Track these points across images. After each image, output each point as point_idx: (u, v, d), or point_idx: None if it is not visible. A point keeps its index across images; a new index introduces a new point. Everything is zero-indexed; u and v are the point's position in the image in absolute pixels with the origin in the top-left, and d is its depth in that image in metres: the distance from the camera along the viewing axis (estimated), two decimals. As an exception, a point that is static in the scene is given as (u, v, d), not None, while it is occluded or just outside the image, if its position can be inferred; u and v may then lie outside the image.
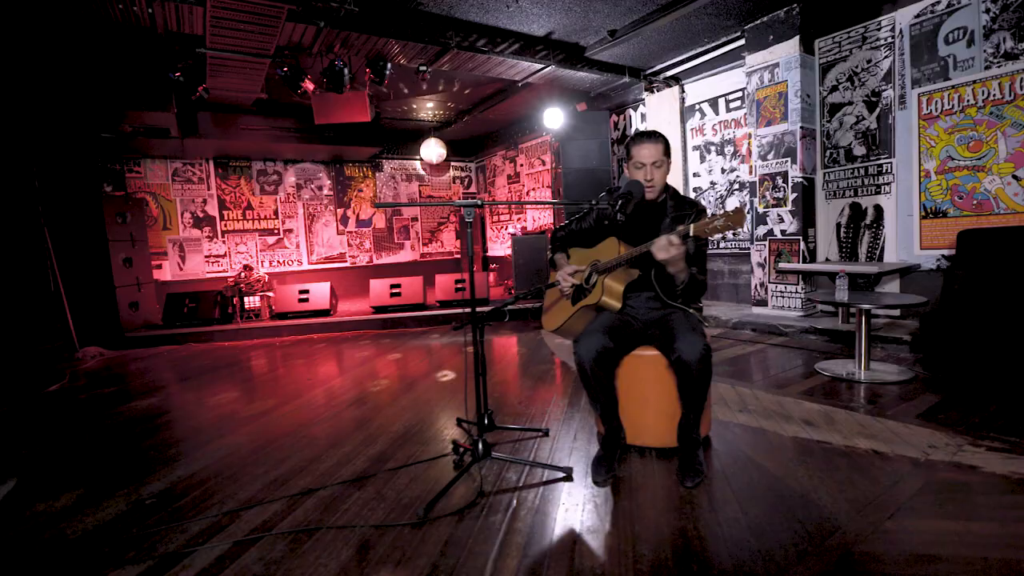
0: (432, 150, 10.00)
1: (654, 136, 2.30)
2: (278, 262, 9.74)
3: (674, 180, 6.57)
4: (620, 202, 2.09)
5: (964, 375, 3.36)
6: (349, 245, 10.52)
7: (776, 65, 5.14)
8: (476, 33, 5.27)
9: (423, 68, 5.41)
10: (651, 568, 1.57)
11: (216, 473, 2.45)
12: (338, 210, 10.36)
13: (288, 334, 6.45)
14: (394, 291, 7.02)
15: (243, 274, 6.87)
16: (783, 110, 5.13)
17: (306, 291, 6.92)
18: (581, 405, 3.15)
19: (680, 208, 2.32)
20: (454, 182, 11.78)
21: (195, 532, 1.92)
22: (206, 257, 9.07)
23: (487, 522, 1.87)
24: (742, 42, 5.56)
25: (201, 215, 9.03)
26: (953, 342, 3.54)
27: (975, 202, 4.19)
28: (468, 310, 7.14)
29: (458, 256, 11.61)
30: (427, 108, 8.55)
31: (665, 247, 1.92)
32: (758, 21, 5.23)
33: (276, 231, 9.74)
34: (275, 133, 8.22)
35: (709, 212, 4.44)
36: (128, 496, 2.26)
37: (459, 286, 7.21)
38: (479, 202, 2.05)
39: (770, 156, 5.29)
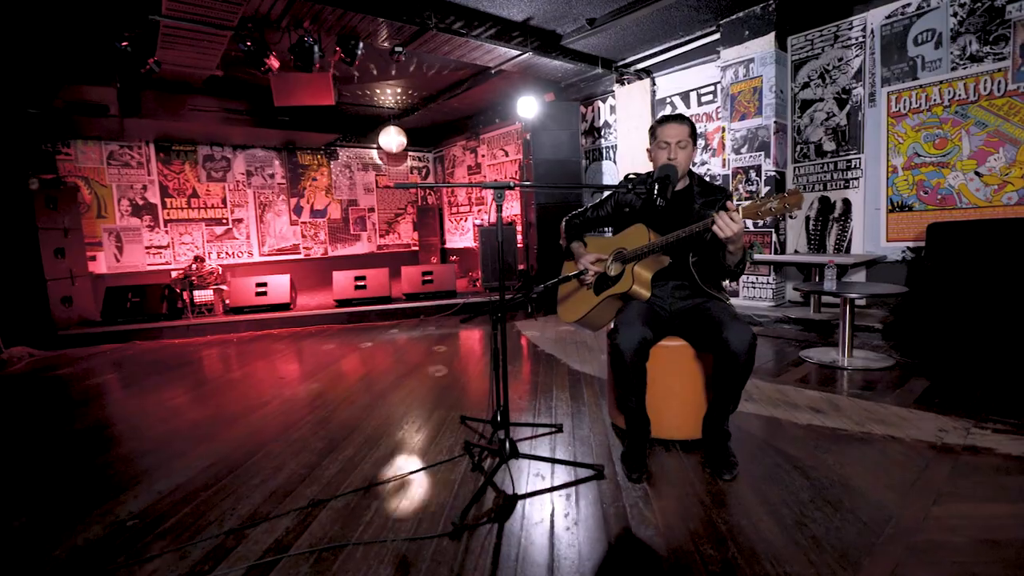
0: (392, 138, 9.63)
1: (681, 117, 2.24)
2: (227, 254, 9.15)
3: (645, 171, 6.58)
4: (657, 186, 2.00)
5: (940, 360, 3.52)
6: (303, 236, 10.04)
7: (751, 60, 5.21)
8: (454, 15, 5.05)
9: (399, 50, 5.14)
10: (723, 569, 1.49)
11: (203, 486, 2.18)
12: (291, 199, 9.85)
13: (245, 330, 6.04)
14: (359, 284, 6.72)
15: (194, 266, 6.36)
16: (757, 105, 5.21)
17: (264, 284, 6.50)
18: (585, 399, 3.06)
19: (708, 193, 2.26)
20: (412, 172, 11.47)
21: (198, 557, 1.68)
22: (147, 248, 8.38)
23: (531, 528, 1.74)
24: (716, 36, 5.60)
25: (141, 202, 8.32)
26: (928, 329, 3.71)
27: (939, 197, 4.38)
28: (437, 303, 6.85)
29: (415, 248, 11.32)
30: (388, 94, 8.21)
31: (728, 223, 1.85)
32: (734, 16, 5.28)
33: (224, 221, 9.14)
34: (225, 115, 7.64)
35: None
36: (103, 517, 1.96)
37: (427, 279, 7.00)
38: (510, 184, 1.90)
39: (744, 150, 5.36)
